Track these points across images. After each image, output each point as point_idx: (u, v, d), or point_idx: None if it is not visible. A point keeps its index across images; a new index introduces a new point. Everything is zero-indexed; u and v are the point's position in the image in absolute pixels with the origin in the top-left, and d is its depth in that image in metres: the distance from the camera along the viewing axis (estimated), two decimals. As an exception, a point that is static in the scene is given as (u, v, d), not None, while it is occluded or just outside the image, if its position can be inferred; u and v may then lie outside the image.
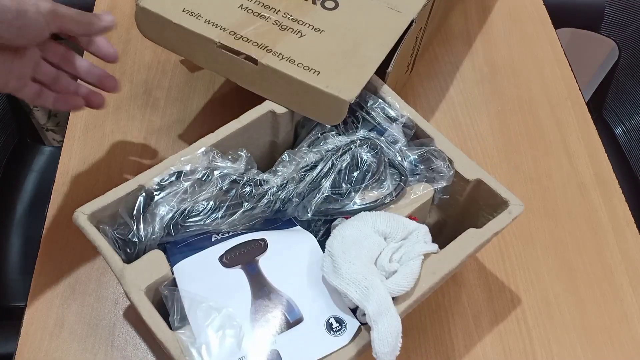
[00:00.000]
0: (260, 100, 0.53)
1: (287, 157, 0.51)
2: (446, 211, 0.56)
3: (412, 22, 0.55)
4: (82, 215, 0.45)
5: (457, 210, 0.54)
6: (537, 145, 0.69)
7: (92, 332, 0.54)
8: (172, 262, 0.45)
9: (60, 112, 1.30)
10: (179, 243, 0.47)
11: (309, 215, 0.49)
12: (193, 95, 0.71)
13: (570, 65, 0.77)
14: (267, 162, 0.56)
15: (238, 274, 0.45)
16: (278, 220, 0.51)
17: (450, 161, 0.51)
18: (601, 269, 0.60)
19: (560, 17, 0.85)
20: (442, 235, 0.52)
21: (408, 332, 0.55)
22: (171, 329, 0.42)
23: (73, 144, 0.66)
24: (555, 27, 0.82)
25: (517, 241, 0.61)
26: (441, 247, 0.47)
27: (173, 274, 0.45)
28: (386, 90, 0.55)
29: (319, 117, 0.52)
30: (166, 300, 0.44)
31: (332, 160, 0.50)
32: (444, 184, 0.51)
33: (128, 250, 0.46)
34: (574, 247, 0.61)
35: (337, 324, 0.43)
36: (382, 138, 0.52)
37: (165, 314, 0.43)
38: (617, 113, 1.02)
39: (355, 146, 0.51)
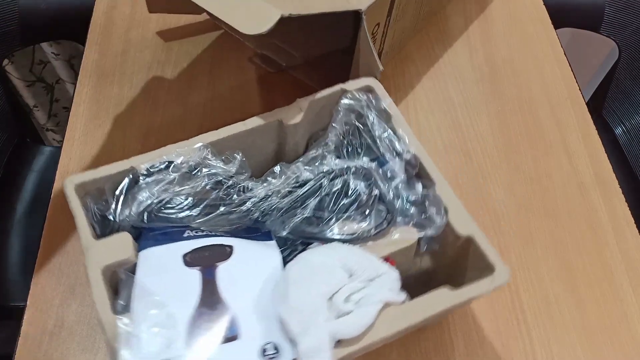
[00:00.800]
0: (262, 101, 0.53)
1: (279, 169, 0.50)
2: (437, 261, 0.53)
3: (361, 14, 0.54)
4: (70, 184, 0.46)
5: (447, 262, 0.51)
6: (537, 145, 0.69)
7: (92, 332, 0.54)
8: (140, 247, 0.45)
9: (60, 112, 1.30)
10: (155, 230, 0.47)
11: (284, 232, 0.47)
12: (193, 95, 0.71)
13: (570, 65, 0.77)
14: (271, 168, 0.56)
15: (194, 276, 0.44)
16: (258, 230, 0.50)
17: (446, 211, 0.48)
18: (601, 269, 0.60)
19: (560, 17, 0.85)
20: (430, 284, 0.49)
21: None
22: (115, 312, 0.42)
23: (73, 144, 0.66)
24: (555, 27, 0.82)
25: (517, 241, 0.61)
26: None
27: (136, 257, 0.45)
28: (399, 122, 0.53)
29: (241, 24, 0.47)
30: (121, 283, 0.44)
31: (322, 182, 0.49)
32: (433, 233, 0.48)
33: (104, 227, 0.47)
34: (574, 247, 0.61)
35: (273, 351, 0.41)
36: (381, 170, 0.50)
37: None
38: (617, 113, 1.02)
39: (350, 173, 0.49)
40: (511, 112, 0.72)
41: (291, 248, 0.49)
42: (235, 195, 0.48)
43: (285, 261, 0.45)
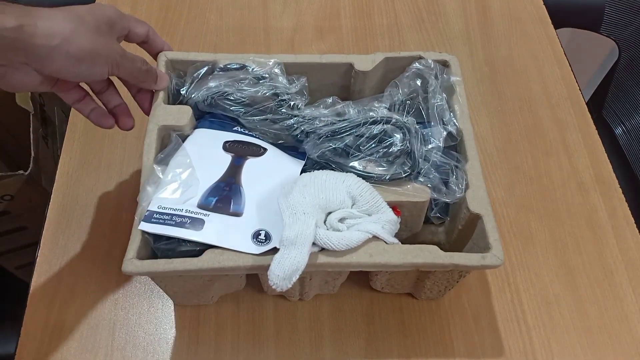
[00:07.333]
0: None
1: (331, 100, 0.54)
2: (448, 236, 0.55)
3: None
4: (163, 57, 0.55)
5: (455, 238, 0.53)
6: (537, 145, 0.69)
7: (92, 332, 0.54)
8: (197, 125, 0.54)
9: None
10: (214, 117, 0.55)
11: (315, 155, 0.52)
12: (193, 95, 0.71)
13: (570, 65, 0.77)
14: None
15: (226, 158, 0.51)
16: (296, 149, 0.55)
17: (467, 187, 0.50)
18: (601, 269, 0.60)
19: (560, 17, 0.85)
20: None
21: (408, 332, 0.55)
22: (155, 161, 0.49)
23: (73, 143, 0.66)
24: (555, 27, 0.82)
25: (517, 241, 0.61)
26: None
27: (191, 131, 0.53)
28: (461, 99, 0.55)
29: None
30: (170, 141, 0.51)
31: (362, 122, 0.51)
32: (447, 200, 0.50)
33: (175, 100, 0.55)
34: (574, 247, 0.61)
35: (263, 238, 0.46)
36: (421, 132, 0.52)
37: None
38: (617, 113, 1.02)
39: (391, 123, 0.51)
40: (511, 112, 0.72)
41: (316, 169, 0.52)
42: (284, 109, 0.53)
43: None
